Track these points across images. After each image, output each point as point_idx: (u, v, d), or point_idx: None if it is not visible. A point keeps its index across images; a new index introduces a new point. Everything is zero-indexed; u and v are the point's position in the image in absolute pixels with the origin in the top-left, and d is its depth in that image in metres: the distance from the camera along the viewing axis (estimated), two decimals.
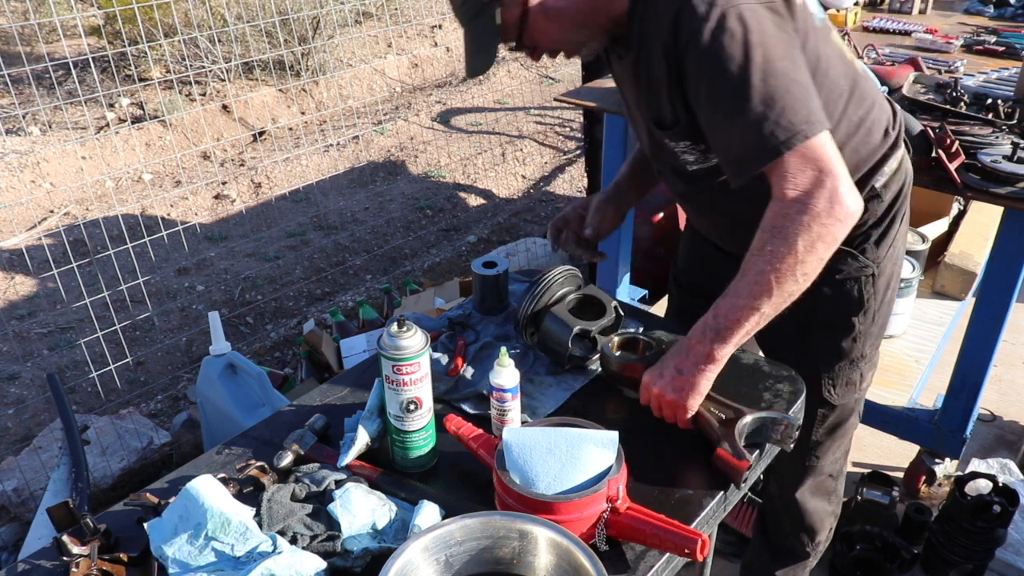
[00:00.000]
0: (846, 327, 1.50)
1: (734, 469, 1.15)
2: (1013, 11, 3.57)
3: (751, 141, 1.14)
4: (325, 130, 5.68)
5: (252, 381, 2.31)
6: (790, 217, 1.13)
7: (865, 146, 1.38)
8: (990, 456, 2.62)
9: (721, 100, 1.17)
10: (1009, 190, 1.89)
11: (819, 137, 1.13)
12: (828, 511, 1.80)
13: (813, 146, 1.13)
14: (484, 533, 0.98)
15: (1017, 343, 3.25)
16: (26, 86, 5.64)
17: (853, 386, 1.58)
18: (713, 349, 1.20)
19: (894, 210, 1.47)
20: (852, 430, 1.69)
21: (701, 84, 1.19)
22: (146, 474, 2.56)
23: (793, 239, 1.12)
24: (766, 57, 1.12)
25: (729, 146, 1.20)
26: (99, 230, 4.10)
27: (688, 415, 1.23)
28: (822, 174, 1.13)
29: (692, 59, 1.18)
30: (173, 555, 1.00)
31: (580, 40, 1.34)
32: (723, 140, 1.21)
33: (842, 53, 1.35)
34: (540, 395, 1.37)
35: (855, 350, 1.53)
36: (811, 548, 1.83)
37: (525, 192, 5.00)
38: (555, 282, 1.43)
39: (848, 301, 1.48)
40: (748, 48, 1.12)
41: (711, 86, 1.17)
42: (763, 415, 1.22)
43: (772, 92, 1.12)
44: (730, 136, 1.18)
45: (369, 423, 1.23)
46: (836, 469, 1.74)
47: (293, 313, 3.71)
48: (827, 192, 1.12)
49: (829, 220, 1.12)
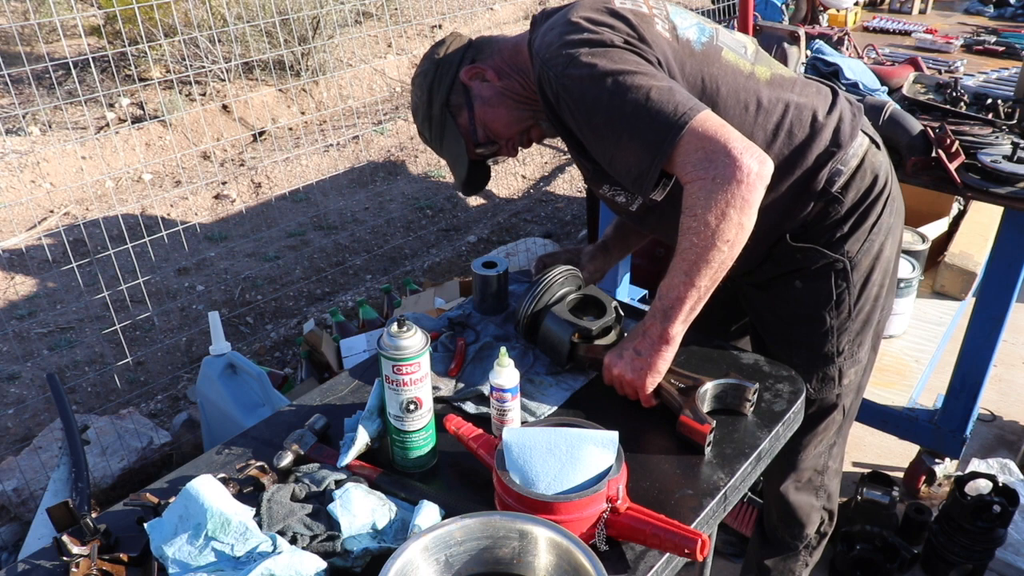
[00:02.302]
0: (817, 321, 1.52)
1: (698, 432, 1.20)
2: (1013, 11, 3.57)
3: (640, 153, 1.22)
4: (325, 130, 5.68)
5: (252, 381, 2.31)
6: (695, 195, 1.18)
7: (788, 147, 1.39)
8: (990, 456, 2.62)
9: (601, 134, 1.26)
10: (1009, 190, 1.89)
11: (696, 119, 1.18)
12: (814, 506, 1.79)
13: (692, 129, 1.18)
14: (484, 533, 0.98)
15: (1017, 343, 3.25)
16: (26, 86, 5.64)
17: (831, 382, 1.59)
18: (665, 329, 1.26)
19: (864, 207, 1.45)
20: (836, 426, 1.68)
21: (583, 129, 1.29)
22: (146, 474, 2.56)
23: (703, 212, 1.17)
24: (616, 80, 1.21)
25: (627, 169, 1.26)
26: (99, 230, 4.11)
27: (647, 392, 1.29)
28: (708, 147, 1.17)
29: (566, 112, 1.29)
30: (173, 555, 1.00)
31: (530, 116, 1.45)
32: (620, 166, 1.28)
33: (736, 69, 1.38)
34: (540, 395, 1.37)
35: (827, 345, 1.54)
36: (799, 541, 1.84)
37: (525, 192, 5.00)
38: (555, 282, 1.44)
39: (818, 295, 1.50)
40: (600, 80, 1.22)
41: (589, 128, 1.27)
42: (723, 381, 1.29)
43: (637, 104, 1.20)
44: (624, 159, 1.26)
45: (369, 423, 1.23)
46: (820, 464, 1.73)
47: (293, 313, 3.71)
48: (719, 160, 1.17)
49: (732, 185, 1.16)
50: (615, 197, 1.48)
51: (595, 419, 1.14)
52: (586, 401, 1.37)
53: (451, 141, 1.48)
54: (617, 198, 1.48)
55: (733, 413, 1.30)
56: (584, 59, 1.23)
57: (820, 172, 1.41)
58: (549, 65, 1.27)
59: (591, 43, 1.25)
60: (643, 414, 1.30)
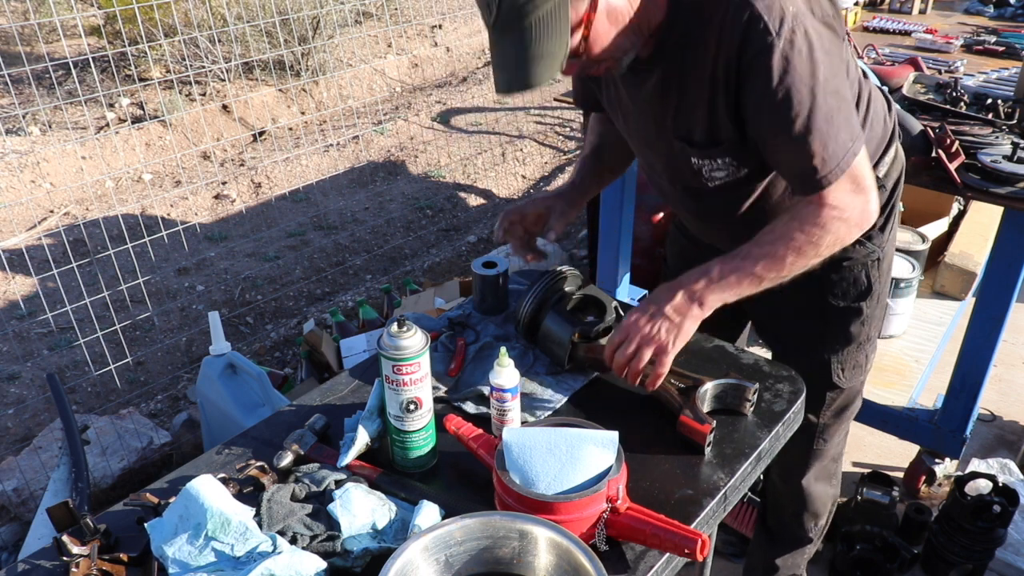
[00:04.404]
0: (855, 312, 1.55)
1: (698, 432, 1.20)
2: (1013, 11, 3.57)
3: (819, 159, 1.18)
4: (325, 130, 5.68)
5: (252, 381, 2.31)
6: (824, 219, 1.21)
7: (871, 142, 1.43)
8: (990, 456, 2.62)
9: (787, 118, 1.17)
10: (1009, 190, 1.89)
11: (861, 152, 1.21)
12: (830, 494, 1.84)
13: (857, 162, 1.20)
14: (484, 533, 0.98)
15: (1017, 343, 3.25)
16: (26, 86, 5.63)
17: (860, 368, 1.63)
18: (706, 297, 1.23)
19: (894, 197, 1.53)
20: (855, 413, 1.73)
21: (765, 100, 1.17)
22: (146, 474, 2.56)
23: (820, 238, 1.21)
24: (826, 75, 1.15)
25: (794, 163, 1.22)
26: (99, 230, 4.10)
27: (669, 359, 1.23)
28: (859, 189, 1.22)
29: (760, 73, 1.15)
30: (173, 555, 1.00)
31: (628, 48, 1.23)
32: (787, 156, 1.23)
33: (852, 55, 1.37)
34: (540, 395, 1.37)
35: (863, 333, 1.58)
36: (814, 532, 1.86)
37: (525, 192, 5.00)
38: (555, 282, 1.43)
39: (857, 286, 1.53)
40: (814, 66, 1.14)
41: (778, 103, 1.16)
42: (723, 381, 1.28)
43: (831, 111, 1.16)
44: (797, 153, 1.20)
45: (369, 423, 1.23)
46: (838, 452, 1.79)
47: (293, 313, 3.71)
48: (860, 204, 1.23)
49: (856, 229, 1.24)
50: (711, 172, 1.36)
51: (595, 419, 1.14)
52: (586, 401, 1.37)
53: (549, 28, 1.10)
54: (714, 172, 1.36)
55: (733, 413, 1.30)
56: (812, 33, 1.14)
57: (881, 161, 1.46)
58: (770, 20, 1.12)
59: (828, 25, 1.18)
60: (643, 414, 1.30)
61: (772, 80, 1.14)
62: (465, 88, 6.47)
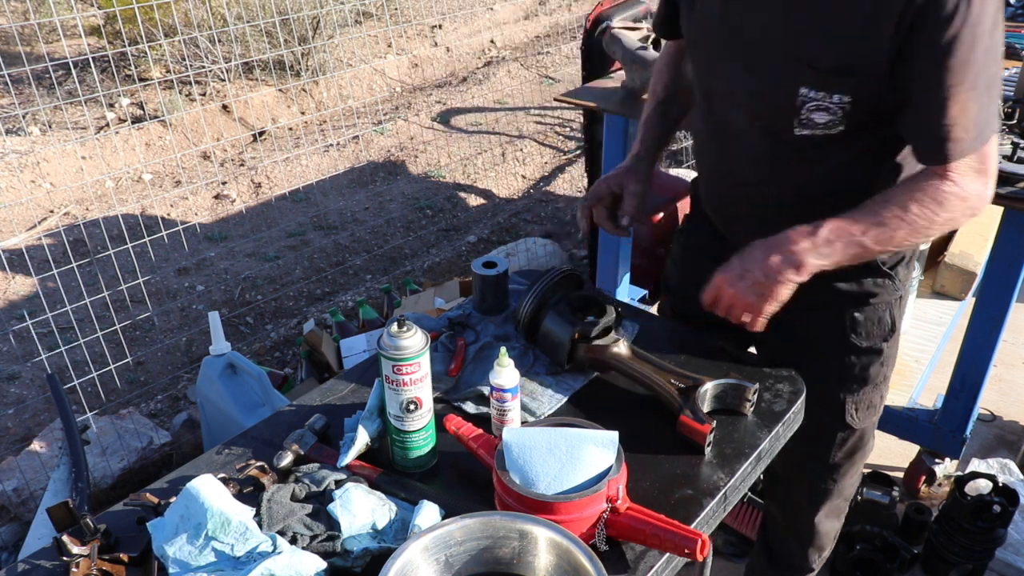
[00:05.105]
0: (876, 352, 1.47)
1: (698, 432, 1.20)
2: (1013, 11, 3.56)
3: (961, 127, 1.10)
4: (325, 130, 5.68)
5: (252, 381, 2.31)
6: (944, 196, 1.15)
7: None
8: (990, 456, 2.62)
9: (954, 64, 1.06)
10: (1009, 190, 1.89)
11: (995, 135, 1.16)
12: (837, 528, 1.80)
13: (992, 142, 1.15)
14: (484, 533, 0.98)
15: (1017, 343, 3.25)
16: (26, 86, 5.64)
17: (873, 409, 1.56)
18: (806, 260, 1.16)
19: None
20: (868, 456, 1.65)
21: (947, 34, 1.04)
22: (146, 474, 2.56)
23: (935, 215, 1.15)
24: (998, 39, 1.06)
25: (935, 120, 1.11)
26: (99, 230, 4.10)
27: (763, 320, 1.22)
28: (983, 171, 1.16)
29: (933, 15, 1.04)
30: (174, 555, 1.00)
31: None
32: (930, 108, 1.11)
33: None
34: (540, 395, 1.37)
35: (880, 374, 1.51)
36: (817, 563, 1.83)
37: (525, 192, 5.00)
38: (555, 282, 1.43)
39: (882, 326, 1.45)
40: (996, 22, 1.05)
41: (955, 46, 1.04)
42: (723, 381, 1.28)
43: (992, 79, 1.09)
44: (943, 108, 1.09)
45: (369, 423, 1.23)
46: (850, 493, 1.73)
47: (293, 313, 3.71)
48: (980, 188, 1.16)
49: (969, 213, 1.18)
50: (815, 110, 1.18)
51: (595, 419, 1.14)
52: (586, 401, 1.37)
53: None
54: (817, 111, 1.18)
55: (733, 413, 1.30)
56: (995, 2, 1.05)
57: None
58: None
59: None
60: (643, 414, 1.30)
61: (956, 19, 1.03)
62: (465, 88, 6.46)
